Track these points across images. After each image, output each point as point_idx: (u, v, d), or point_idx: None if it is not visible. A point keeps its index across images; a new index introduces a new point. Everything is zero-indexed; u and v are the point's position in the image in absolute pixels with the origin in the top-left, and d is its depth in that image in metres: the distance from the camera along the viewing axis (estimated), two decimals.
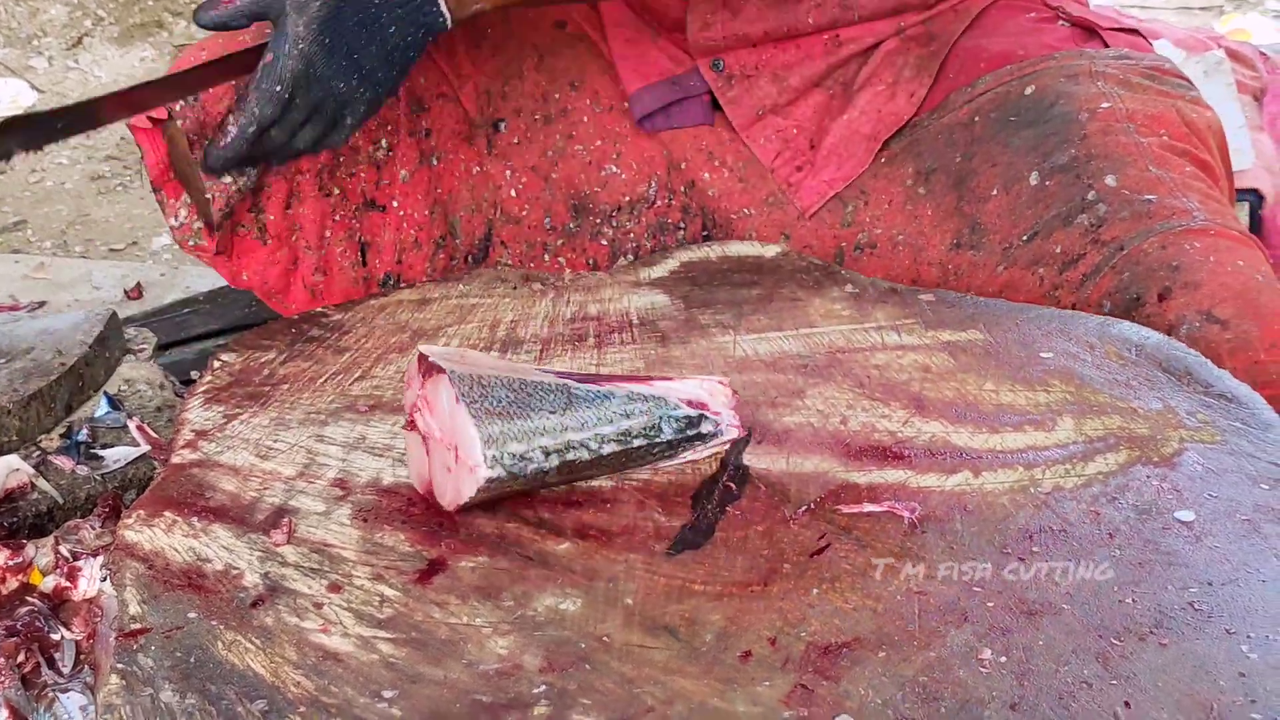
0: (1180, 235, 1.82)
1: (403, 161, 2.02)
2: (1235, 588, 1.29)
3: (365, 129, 1.97)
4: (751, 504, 1.42)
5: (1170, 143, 1.98)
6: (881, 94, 2.05)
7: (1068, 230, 1.89)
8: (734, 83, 2.05)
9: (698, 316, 1.74)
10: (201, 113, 1.87)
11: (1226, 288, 1.75)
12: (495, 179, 2.09)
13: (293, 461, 1.49)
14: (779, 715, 1.16)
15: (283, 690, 1.20)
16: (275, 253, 1.97)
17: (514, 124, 2.11)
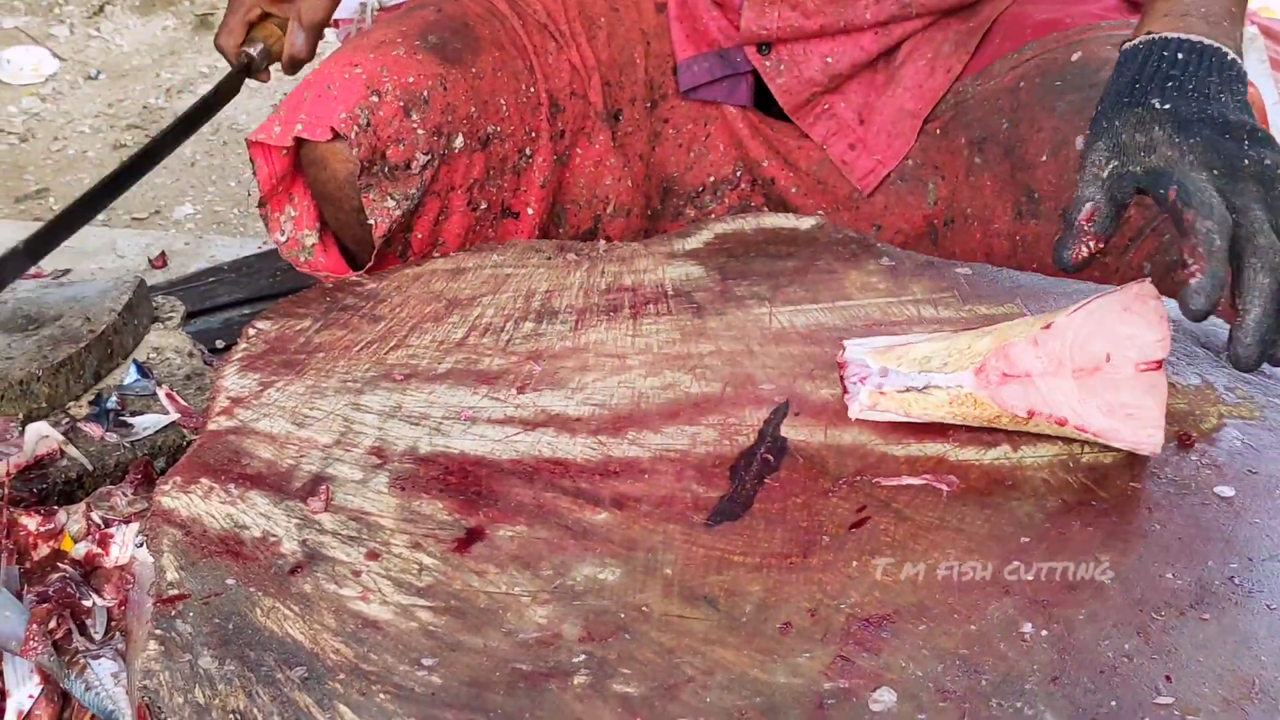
0: None
1: (541, 168, 1.99)
2: (1276, 564, 1.29)
3: (514, 139, 1.95)
4: (790, 476, 1.41)
5: None
6: (923, 69, 2.04)
7: None
8: (783, 68, 2.04)
9: (733, 288, 1.73)
10: (374, 138, 1.83)
11: None
12: (615, 171, 2.07)
13: (329, 429, 1.48)
14: (820, 686, 1.16)
15: (322, 657, 1.20)
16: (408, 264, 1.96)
17: (629, 114, 2.10)
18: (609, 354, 1.60)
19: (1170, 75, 1.50)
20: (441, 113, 1.87)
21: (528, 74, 1.98)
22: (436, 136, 1.86)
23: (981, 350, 1.44)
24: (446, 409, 1.51)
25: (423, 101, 1.86)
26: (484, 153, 1.92)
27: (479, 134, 1.91)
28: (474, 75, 1.92)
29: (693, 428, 1.48)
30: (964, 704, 1.14)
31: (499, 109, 1.93)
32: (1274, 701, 1.14)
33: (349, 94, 1.83)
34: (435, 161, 1.87)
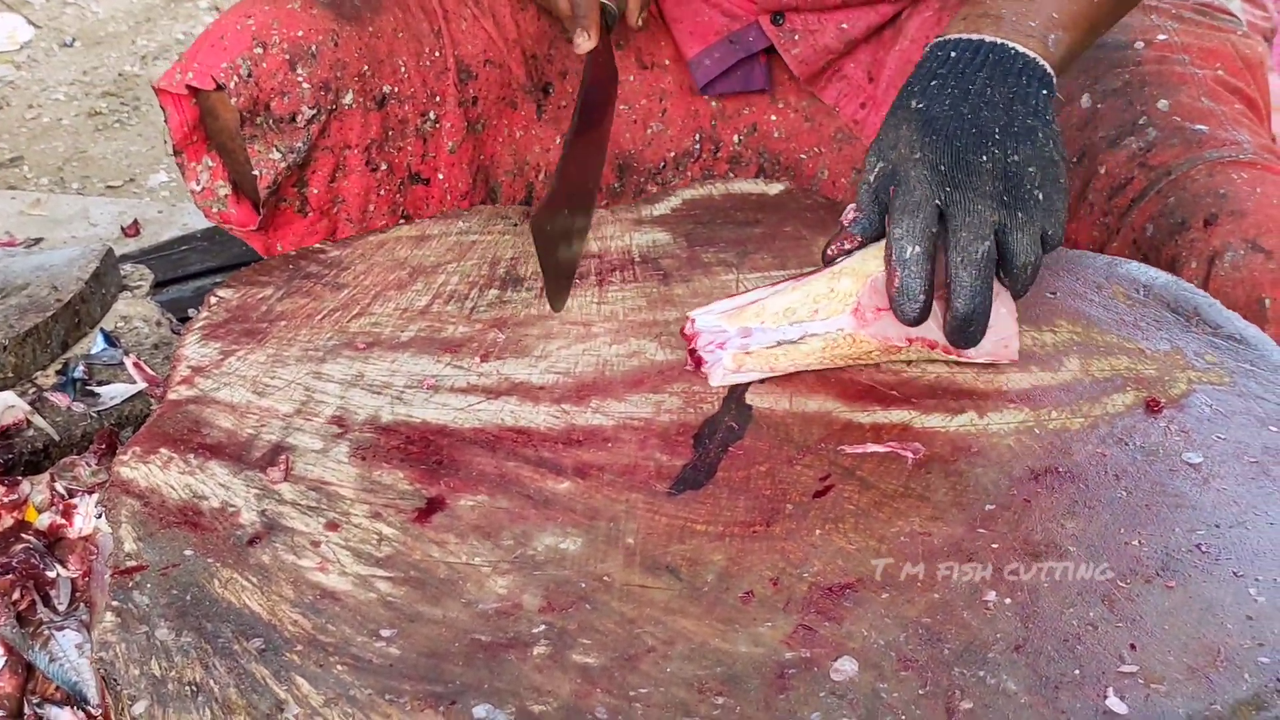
0: (1228, 165, 1.81)
1: (449, 134, 1.98)
2: (1243, 530, 1.28)
3: (415, 101, 1.94)
4: (754, 444, 1.40)
5: (1224, 78, 1.98)
6: (929, 19, 2.02)
7: (1115, 153, 1.89)
8: (798, 38, 2.01)
9: (700, 254, 1.72)
10: (256, 89, 1.83)
11: (1273, 219, 1.73)
12: (544, 142, 2.06)
13: (290, 399, 1.47)
14: (781, 655, 1.15)
15: (279, 628, 1.19)
16: (315, 224, 1.94)
17: (560, 87, 2.08)
18: (574, 321, 1.59)
19: (936, 74, 1.51)
20: (330, 68, 1.86)
21: (433, 38, 1.97)
22: (324, 91, 1.85)
23: (847, 290, 1.44)
24: (409, 377, 1.50)
25: (310, 55, 1.85)
26: (380, 112, 1.91)
27: (373, 93, 1.90)
28: (370, 34, 1.90)
29: (657, 395, 1.47)
30: (925, 673, 1.13)
31: (396, 69, 1.92)
32: (1239, 669, 1.13)
33: (236, 44, 1.84)
34: (323, 116, 1.86)
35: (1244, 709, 1.10)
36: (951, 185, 1.41)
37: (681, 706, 1.11)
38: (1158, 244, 1.79)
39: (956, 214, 1.40)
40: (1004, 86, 1.49)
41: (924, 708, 1.10)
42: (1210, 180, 1.79)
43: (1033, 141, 1.45)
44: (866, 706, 1.10)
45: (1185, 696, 1.11)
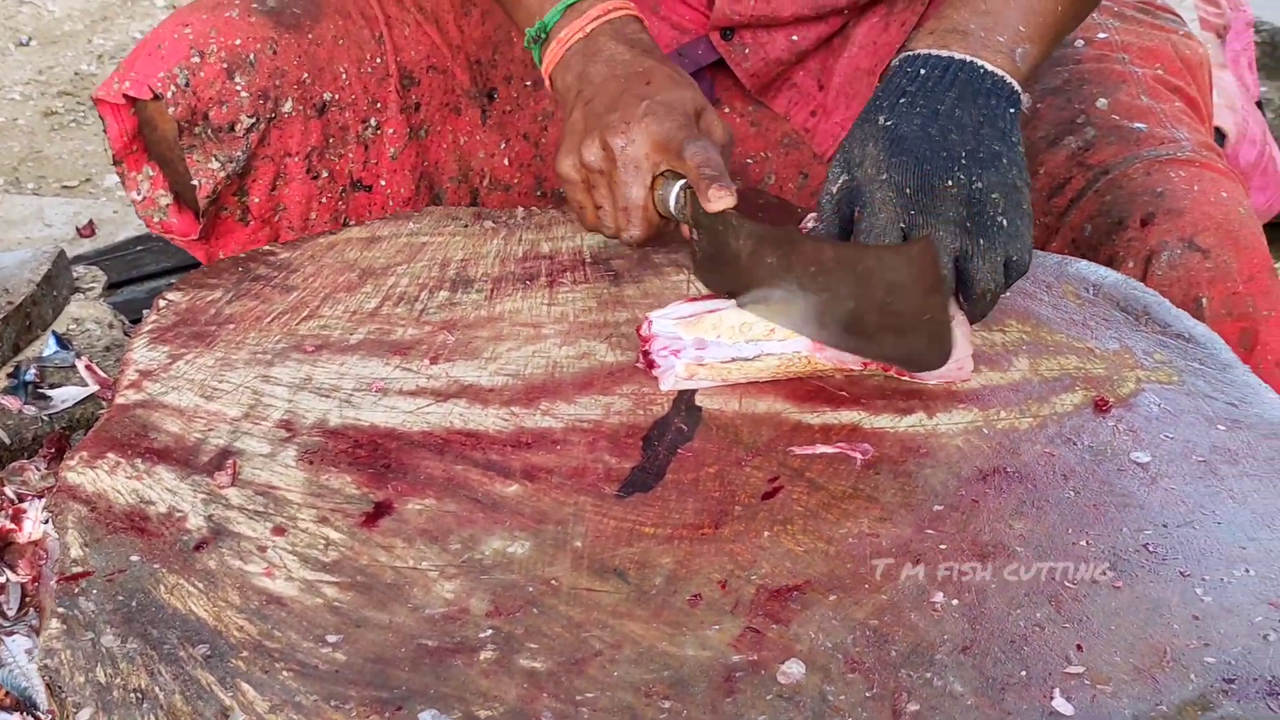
0: (1166, 163, 1.82)
1: (392, 140, 1.97)
2: (1190, 530, 1.28)
3: (356, 108, 1.93)
4: (703, 445, 1.40)
5: (1164, 77, 1.99)
6: (876, 26, 2.02)
7: (1054, 152, 1.89)
8: (748, 52, 2.01)
9: (651, 255, 1.71)
10: (194, 98, 1.82)
11: (1209, 217, 1.74)
12: (489, 147, 2.05)
13: (238, 402, 1.46)
14: (728, 659, 1.15)
15: (225, 635, 1.18)
16: (256, 233, 1.93)
17: (505, 92, 2.07)
18: (524, 323, 1.59)
19: (906, 91, 1.51)
20: (269, 76, 1.85)
21: (375, 44, 1.96)
22: (263, 100, 1.85)
23: None
24: (358, 380, 1.49)
25: (248, 64, 1.84)
26: (321, 120, 1.90)
27: (313, 100, 1.89)
28: (310, 41, 1.89)
29: (607, 397, 1.47)
30: (872, 675, 1.13)
31: (337, 76, 1.91)
32: (1185, 670, 1.14)
33: (174, 53, 1.83)
34: (262, 125, 1.85)
35: (1189, 709, 1.10)
36: (916, 209, 1.42)
37: (628, 711, 1.10)
38: (1096, 243, 1.80)
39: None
40: (973, 107, 1.49)
41: (870, 710, 1.10)
42: (1148, 179, 1.79)
43: (997, 168, 1.45)
44: (813, 709, 1.10)
45: (1131, 697, 1.11)
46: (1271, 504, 1.32)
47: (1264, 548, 1.26)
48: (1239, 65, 3.11)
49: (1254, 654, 1.15)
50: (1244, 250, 1.72)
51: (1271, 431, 1.41)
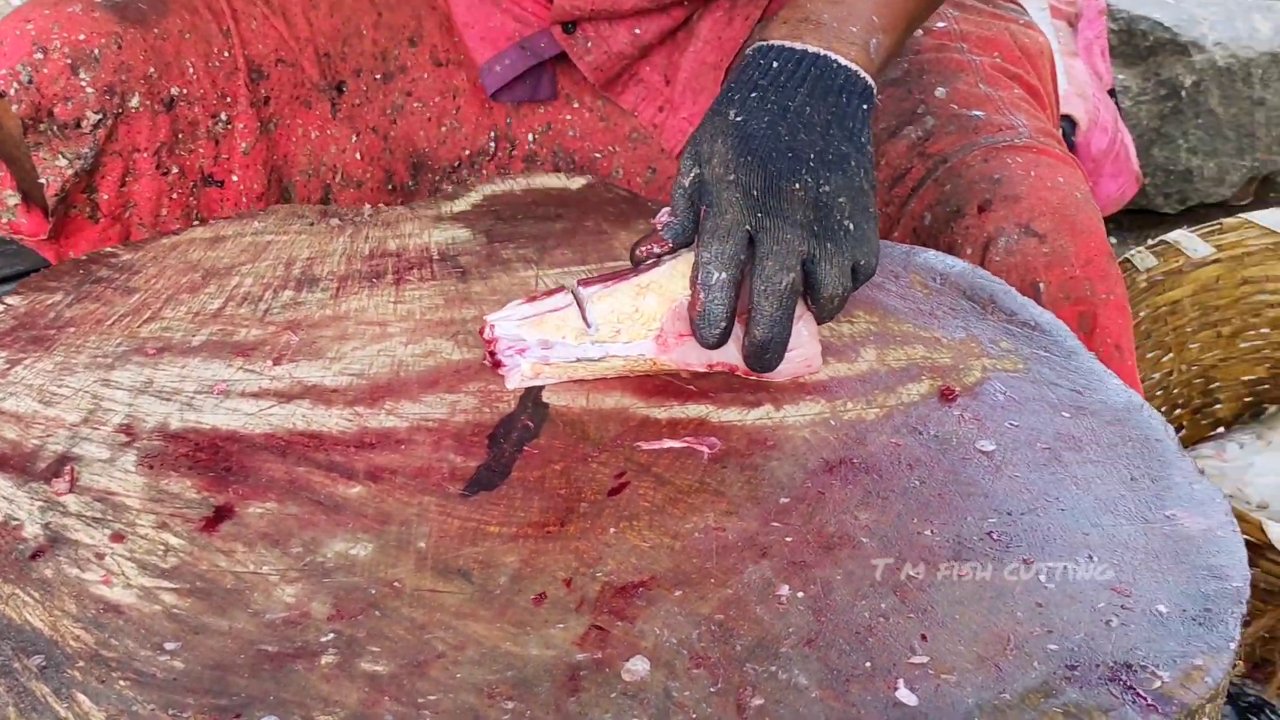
0: (1003, 150, 1.83)
1: (243, 134, 1.94)
2: (1034, 517, 1.29)
3: (205, 103, 1.91)
4: (550, 442, 1.39)
5: (1002, 65, 2.00)
6: (720, 20, 2.01)
7: (895, 142, 1.89)
8: (590, 46, 2.00)
9: (500, 251, 1.70)
10: (38, 95, 1.78)
11: (1045, 202, 1.75)
12: (339, 141, 2.03)
13: (77, 407, 1.44)
14: (572, 657, 1.14)
15: (61, 644, 1.16)
16: (107, 230, 1.90)
17: (355, 85, 2.05)
18: (370, 322, 1.57)
19: (757, 85, 1.50)
20: (114, 71, 1.82)
21: (222, 38, 1.94)
22: (109, 95, 1.82)
23: (651, 312, 1.44)
24: (200, 383, 1.47)
25: (93, 60, 1.81)
26: (169, 115, 1.88)
27: (160, 95, 1.87)
28: (156, 36, 1.87)
29: (453, 395, 1.45)
30: (717, 670, 1.13)
31: (184, 71, 1.89)
32: (1028, 657, 1.14)
33: (15, 50, 1.80)
34: (109, 120, 1.83)
35: (1033, 697, 1.11)
36: (763, 211, 1.41)
37: (470, 712, 1.09)
38: (935, 232, 1.81)
39: (765, 241, 1.40)
40: (823, 105, 1.49)
41: (715, 705, 1.10)
42: (985, 166, 1.81)
43: (844, 170, 1.44)
44: (658, 706, 1.10)
45: (975, 686, 1.12)
46: (1114, 490, 1.33)
47: (1106, 534, 1.27)
48: (1091, 53, 3.15)
49: (1096, 640, 1.16)
50: (1080, 235, 1.74)
51: (1114, 417, 1.42)
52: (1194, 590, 1.21)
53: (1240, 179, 4.00)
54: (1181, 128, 3.91)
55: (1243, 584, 1.22)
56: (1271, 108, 3.95)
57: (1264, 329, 2.92)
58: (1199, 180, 3.95)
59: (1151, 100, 3.88)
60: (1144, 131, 3.88)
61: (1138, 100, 3.87)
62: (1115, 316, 1.74)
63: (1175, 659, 1.14)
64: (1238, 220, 2.89)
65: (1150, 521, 1.29)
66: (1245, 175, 4.01)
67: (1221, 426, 2.95)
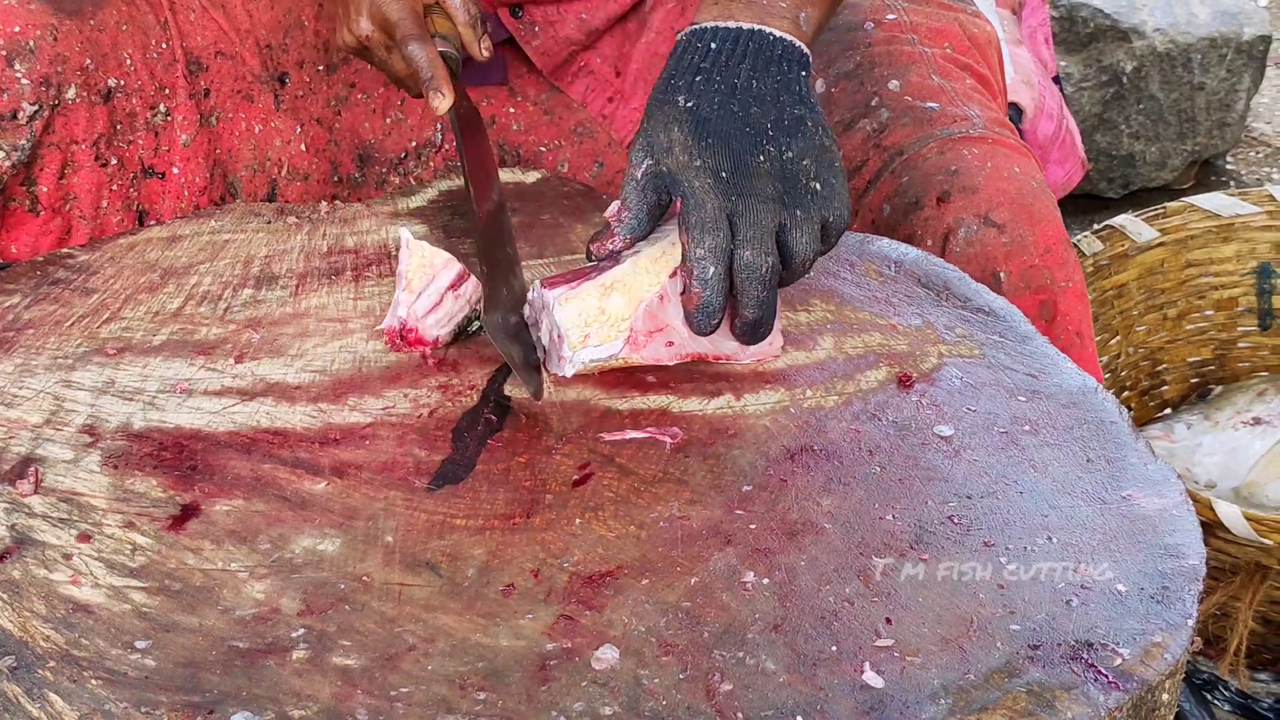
0: (959, 141, 1.84)
1: (182, 126, 1.94)
2: (994, 500, 1.31)
3: (143, 94, 1.91)
4: (513, 435, 1.40)
5: (954, 55, 2.01)
6: (673, 11, 2.02)
7: (850, 136, 1.91)
8: (538, 30, 2.00)
9: (458, 246, 1.71)
10: None
11: (1003, 193, 1.77)
12: (284, 134, 2.03)
13: (39, 409, 1.44)
14: (542, 647, 1.15)
15: (31, 645, 1.16)
16: (48, 223, 1.89)
17: (298, 77, 2.04)
18: (330, 318, 1.57)
19: (700, 69, 1.50)
20: (50, 63, 1.82)
21: (160, 30, 1.94)
22: (45, 87, 1.82)
23: (619, 314, 1.44)
24: (161, 382, 1.47)
25: (28, 51, 1.81)
26: (106, 106, 1.88)
27: (97, 86, 1.87)
28: (92, 27, 1.87)
29: (415, 390, 1.46)
30: (685, 656, 1.14)
31: (122, 62, 1.89)
32: (991, 638, 1.16)
33: None
34: (45, 112, 1.83)
35: (997, 676, 1.12)
36: (736, 194, 1.41)
37: (443, 703, 1.10)
38: (894, 224, 1.82)
39: (742, 226, 1.40)
40: (768, 76, 1.49)
41: (684, 691, 1.11)
42: (942, 158, 1.82)
43: (804, 133, 1.45)
44: (628, 694, 1.11)
45: (940, 667, 1.13)
46: (1071, 472, 1.34)
47: (1065, 515, 1.29)
48: (1035, 41, 3.16)
49: (1058, 619, 1.18)
50: (1038, 224, 1.76)
51: (1070, 400, 1.44)
52: (1151, 569, 1.23)
53: (1181, 163, 4.04)
54: (1123, 113, 3.94)
55: (1199, 562, 1.24)
56: (1211, 92, 3.99)
57: (1208, 311, 2.95)
58: (1141, 165, 3.99)
59: (1093, 86, 3.91)
60: (1086, 117, 3.91)
61: (1080, 87, 3.90)
62: (1075, 303, 1.77)
63: (1135, 636, 1.16)
64: (1181, 204, 2.92)
65: (1107, 502, 1.31)
66: (1186, 159, 4.04)
67: (1169, 408, 2.98)
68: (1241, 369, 2.97)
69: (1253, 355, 2.97)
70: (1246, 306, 2.93)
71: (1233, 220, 2.89)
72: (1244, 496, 2.59)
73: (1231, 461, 2.67)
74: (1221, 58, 3.97)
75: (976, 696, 1.11)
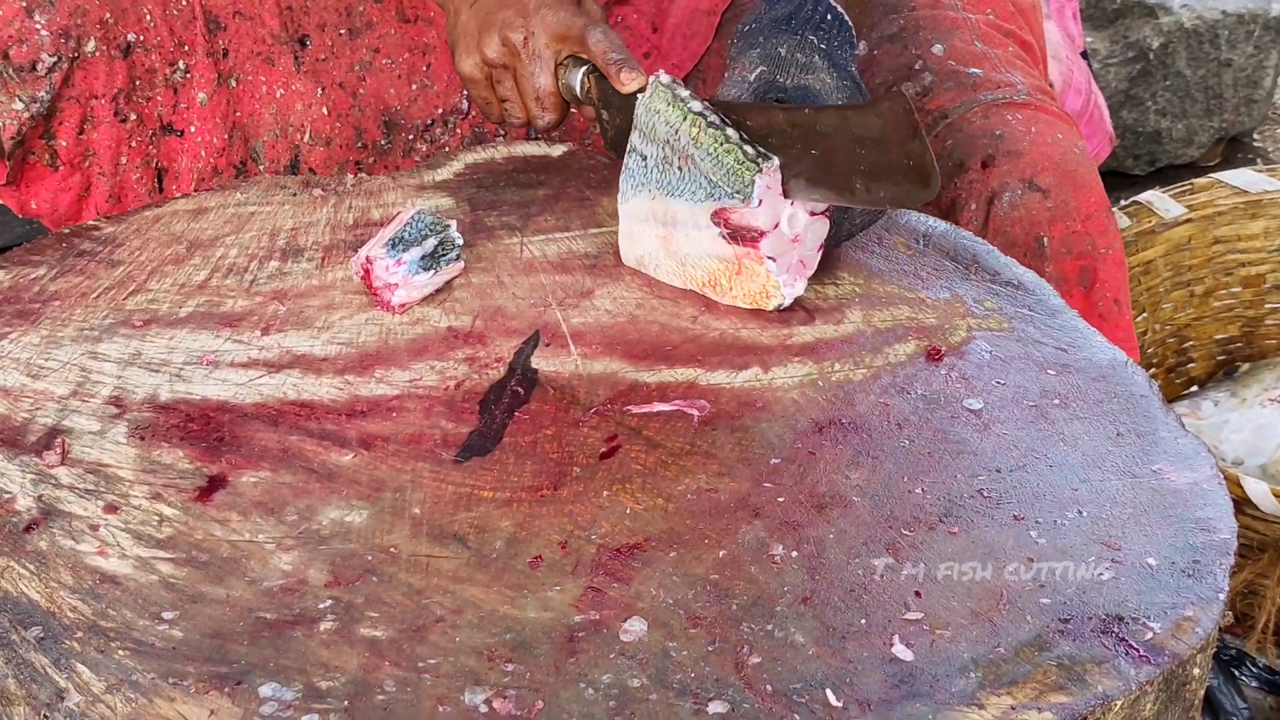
0: (1003, 107, 1.84)
1: (200, 84, 1.94)
2: (1023, 474, 1.30)
3: (162, 50, 1.90)
4: (540, 407, 1.40)
5: (996, 22, 2.01)
6: None
7: None
8: None
9: (484, 218, 1.71)
10: None
11: (1047, 158, 1.77)
12: (305, 98, 2.02)
13: (65, 380, 1.44)
14: (570, 619, 1.15)
15: (59, 616, 1.16)
16: (67, 179, 1.89)
17: (319, 40, 2.04)
18: (356, 291, 1.57)
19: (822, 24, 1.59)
20: (69, 15, 1.82)
21: None
22: (64, 39, 1.82)
23: None
24: (188, 354, 1.47)
25: (48, 3, 1.82)
26: (126, 61, 1.88)
27: (117, 41, 1.87)
28: None
29: (442, 363, 1.46)
30: (714, 629, 1.14)
31: (141, 18, 1.89)
32: (1021, 612, 1.15)
33: None
34: (64, 64, 1.83)
35: (1026, 650, 1.12)
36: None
37: (471, 675, 1.10)
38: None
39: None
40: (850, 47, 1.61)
41: (713, 664, 1.11)
42: (986, 122, 1.82)
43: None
44: (656, 666, 1.11)
45: (969, 640, 1.13)
46: (1100, 446, 1.34)
47: (1095, 489, 1.28)
48: (1064, 17, 3.15)
49: (1088, 593, 1.17)
50: (1082, 189, 1.76)
51: (1099, 374, 1.43)
52: (1182, 543, 1.22)
53: (1208, 140, 4.01)
54: (1150, 90, 3.92)
55: (1230, 536, 1.24)
56: (1238, 69, 3.96)
57: (1235, 288, 2.93)
58: (1168, 142, 3.97)
59: (1120, 63, 3.89)
60: (1113, 94, 3.88)
61: (1106, 63, 3.88)
62: (1114, 271, 1.77)
63: (1166, 611, 1.15)
64: (1208, 180, 2.90)
65: (1138, 476, 1.30)
66: (1213, 136, 4.02)
67: (1195, 385, 2.96)
68: (1269, 346, 2.95)
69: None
70: (1274, 283, 2.91)
71: (1260, 197, 2.86)
72: (1271, 474, 2.57)
73: (1259, 439, 2.65)
74: (1249, 34, 3.94)
75: (1006, 670, 1.10)
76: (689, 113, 1.51)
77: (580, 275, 1.59)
